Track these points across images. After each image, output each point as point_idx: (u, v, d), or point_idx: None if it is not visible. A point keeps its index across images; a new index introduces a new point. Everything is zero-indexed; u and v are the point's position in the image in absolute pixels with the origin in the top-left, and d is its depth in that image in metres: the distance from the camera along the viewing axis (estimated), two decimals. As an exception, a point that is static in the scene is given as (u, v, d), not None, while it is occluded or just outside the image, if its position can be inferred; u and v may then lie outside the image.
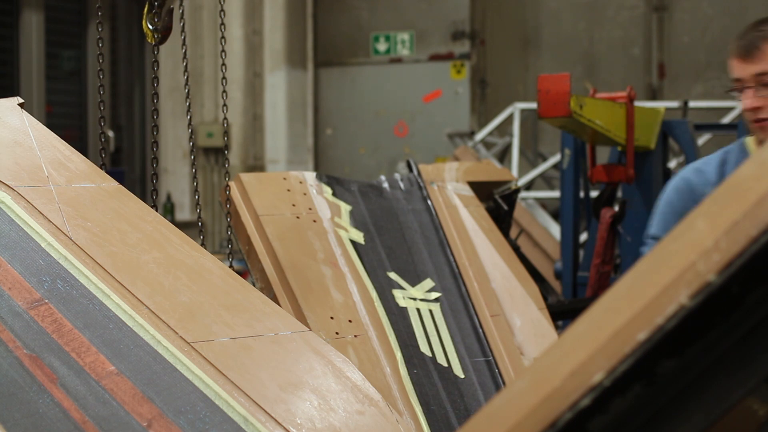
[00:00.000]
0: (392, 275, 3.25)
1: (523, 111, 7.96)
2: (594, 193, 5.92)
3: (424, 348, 3.00)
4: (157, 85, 3.20)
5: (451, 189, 3.70)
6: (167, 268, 2.16)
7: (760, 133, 2.21)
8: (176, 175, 9.56)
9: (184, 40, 3.32)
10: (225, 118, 3.44)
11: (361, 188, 3.57)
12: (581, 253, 5.77)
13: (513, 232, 4.37)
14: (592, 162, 5.33)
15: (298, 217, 3.27)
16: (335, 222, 3.33)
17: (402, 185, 3.68)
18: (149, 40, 3.07)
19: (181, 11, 3.20)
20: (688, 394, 0.89)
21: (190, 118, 3.31)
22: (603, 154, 5.68)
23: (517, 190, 3.97)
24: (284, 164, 9.57)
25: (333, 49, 9.98)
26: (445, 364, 2.98)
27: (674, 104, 7.25)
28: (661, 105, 6.91)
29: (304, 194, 3.38)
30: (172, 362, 1.92)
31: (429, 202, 3.61)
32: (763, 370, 0.88)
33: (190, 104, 3.29)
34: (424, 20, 9.68)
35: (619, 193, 5.48)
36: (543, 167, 7.69)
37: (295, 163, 9.65)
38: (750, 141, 2.32)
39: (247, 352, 1.99)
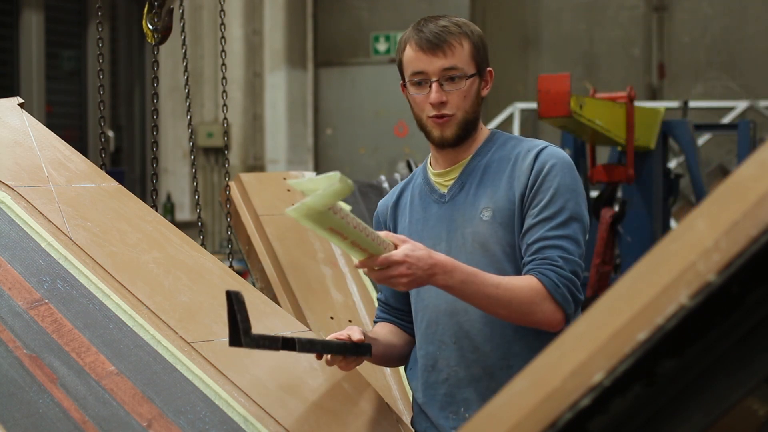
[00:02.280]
0: (392, 275, 3.24)
1: (523, 111, 7.95)
2: (594, 193, 5.92)
3: (424, 348, 3.00)
4: (157, 85, 3.21)
5: (451, 189, 3.70)
6: (167, 268, 2.16)
7: (436, 130, 2.12)
8: (176, 175, 9.56)
9: (184, 40, 3.32)
10: (225, 118, 3.45)
11: (361, 188, 3.57)
12: (581, 252, 5.74)
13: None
14: (592, 162, 5.32)
15: (298, 217, 3.27)
16: (335, 222, 3.32)
17: (402, 185, 3.68)
18: (149, 40, 3.07)
19: (181, 11, 3.20)
20: (688, 394, 0.88)
21: (190, 118, 3.32)
22: (603, 154, 5.67)
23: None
24: (284, 164, 9.56)
25: (333, 49, 9.97)
26: (445, 364, 2.97)
27: (674, 104, 7.24)
28: (661, 105, 6.91)
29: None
30: (172, 362, 1.92)
31: (429, 202, 3.60)
32: (763, 370, 0.88)
33: (190, 104, 3.30)
34: (424, 20, 9.68)
35: (619, 193, 5.48)
36: (543, 167, 7.67)
37: (295, 163, 9.64)
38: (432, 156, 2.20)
39: (247, 352, 1.99)
